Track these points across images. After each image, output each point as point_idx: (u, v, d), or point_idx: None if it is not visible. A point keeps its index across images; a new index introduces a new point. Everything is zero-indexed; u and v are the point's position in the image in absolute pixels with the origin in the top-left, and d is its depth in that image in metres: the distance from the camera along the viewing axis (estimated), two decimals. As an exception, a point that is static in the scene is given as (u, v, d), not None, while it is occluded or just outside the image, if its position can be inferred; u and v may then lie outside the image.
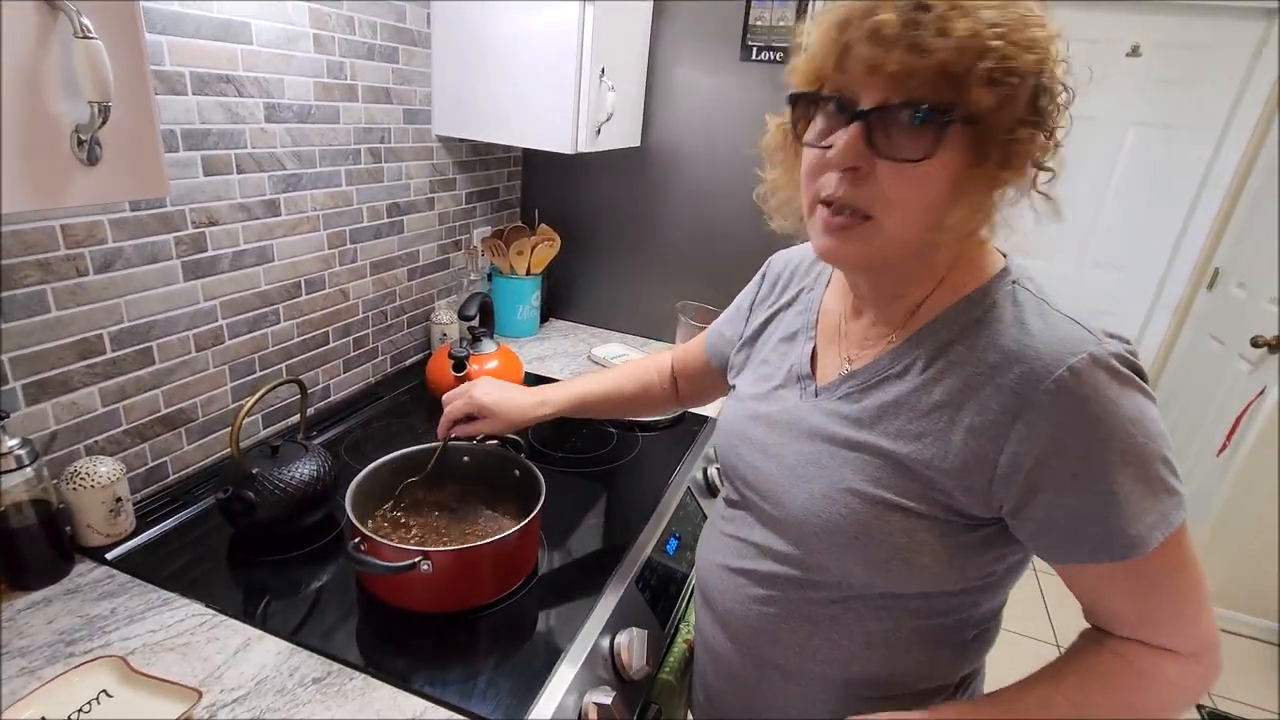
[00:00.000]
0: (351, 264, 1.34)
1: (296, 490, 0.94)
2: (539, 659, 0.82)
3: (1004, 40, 0.49)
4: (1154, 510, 0.53)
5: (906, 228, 0.55)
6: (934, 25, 0.48)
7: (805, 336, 0.73)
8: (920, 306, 0.62)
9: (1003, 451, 0.54)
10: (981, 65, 0.48)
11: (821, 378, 0.69)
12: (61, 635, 0.78)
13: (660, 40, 1.62)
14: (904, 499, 0.59)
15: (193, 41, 0.95)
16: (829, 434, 0.65)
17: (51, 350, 0.88)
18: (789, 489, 0.67)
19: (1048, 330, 0.55)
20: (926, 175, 0.53)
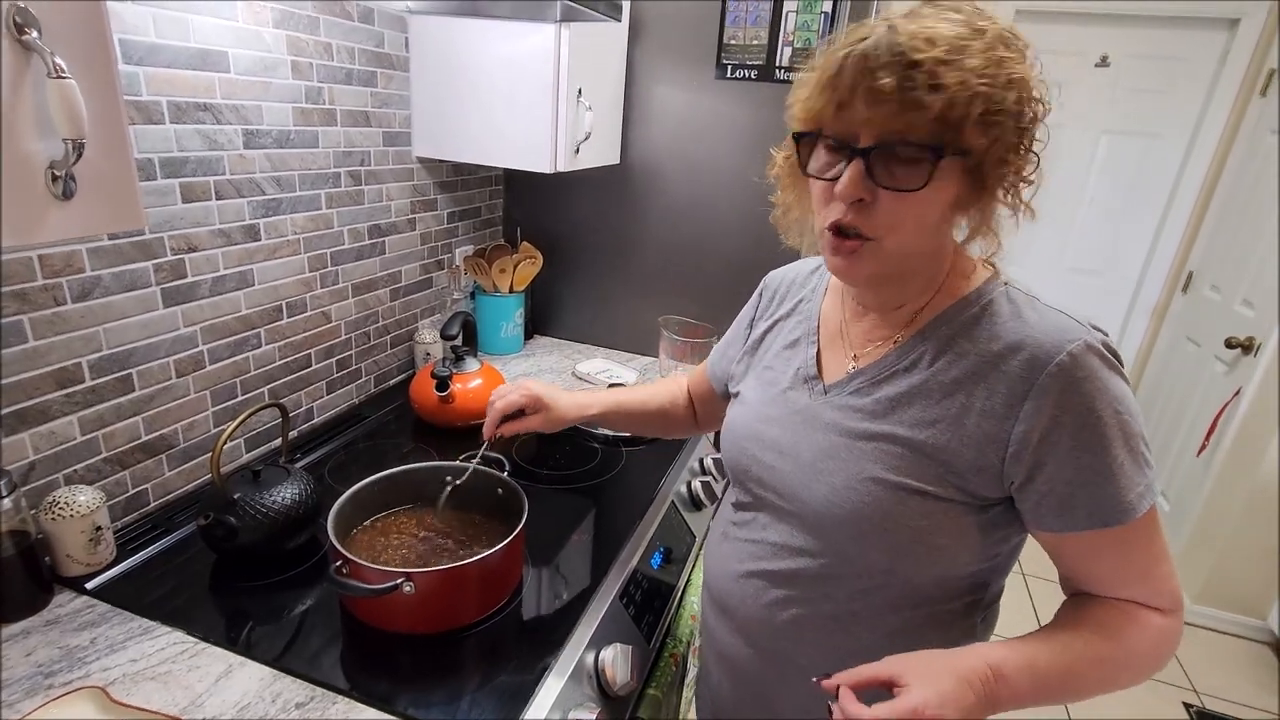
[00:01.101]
0: (333, 286, 1.35)
1: (279, 515, 0.94)
2: (524, 677, 0.82)
3: (990, 85, 0.54)
4: (1141, 481, 0.60)
5: (905, 246, 0.63)
6: (925, 82, 0.54)
7: (808, 341, 0.78)
8: (921, 311, 0.68)
9: (1013, 431, 0.60)
10: (973, 111, 0.54)
11: (829, 377, 0.74)
12: (40, 667, 0.78)
13: (637, 60, 1.65)
14: (923, 483, 0.64)
15: (170, 71, 0.96)
16: (845, 428, 0.69)
17: (29, 380, 0.88)
18: (809, 484, 0.70)
19: (1043, 322, 0.62)
20: (924, 201, 0.59)
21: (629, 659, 0.88)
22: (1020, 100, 0.57)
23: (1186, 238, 2.77)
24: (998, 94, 0.55)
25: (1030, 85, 0.57)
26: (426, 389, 1.36)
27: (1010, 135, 0.57)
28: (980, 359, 0.63)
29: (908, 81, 0.54)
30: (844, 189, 0.59)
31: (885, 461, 0.66)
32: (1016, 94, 0.56)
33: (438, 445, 1.33)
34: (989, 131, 0.56)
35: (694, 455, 1.40)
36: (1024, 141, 0.58)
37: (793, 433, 0.74)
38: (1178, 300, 2.82)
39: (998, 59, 0.55)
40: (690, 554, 1.23)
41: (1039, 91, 0.58)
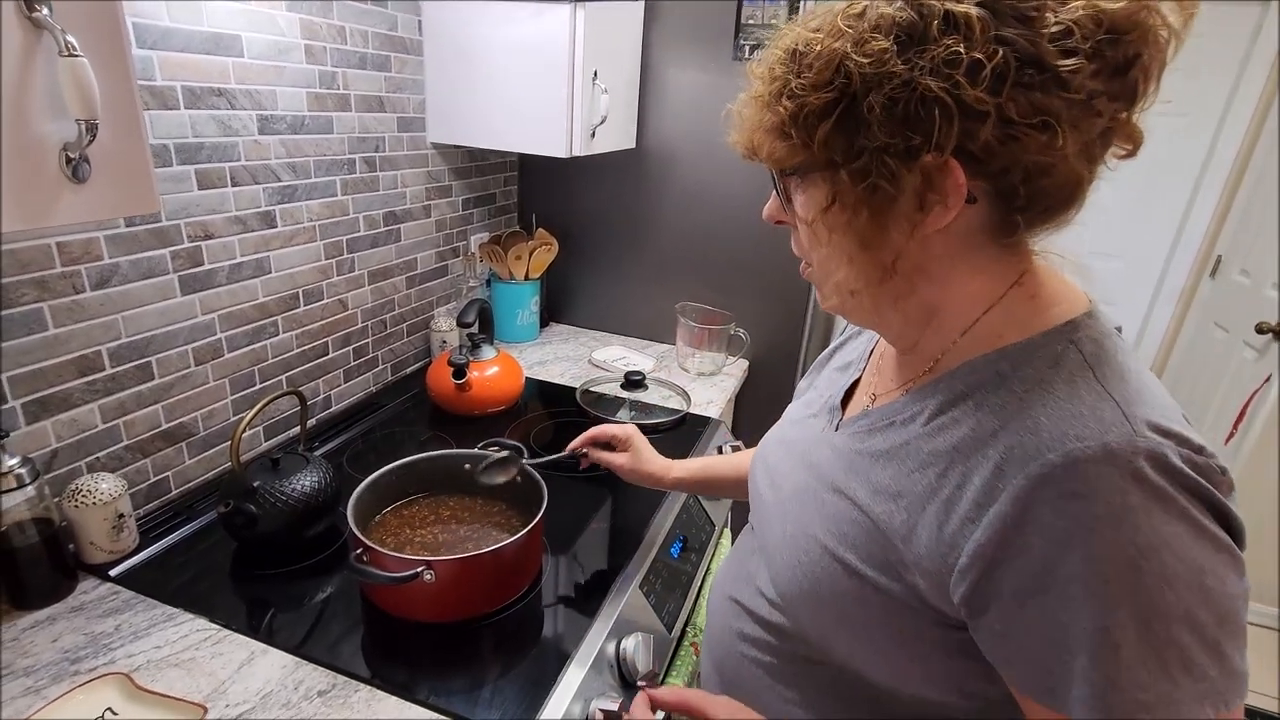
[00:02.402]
0: (349, 274, 1.34)
1: (298, 502, 0.93)
2: (544, 666, 0.82)
3: (788, 98, 0.46)
4: (1147, 680, 0.39)
5: (822, 272, 0.55)
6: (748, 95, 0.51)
7: (855, 368, 0.69)
8: (943, 356, 0.54)
9: (969, 538, 0.45)
10: (771, 124, 0.48)
11: (850, 411, 0.65)
12: (66, 654, 0.78)
13: (652, 41, 1.62)
14: (863, 564, 0.52)
15: (183, 55, 0.95)
16: (822, 471, 0.60)
17: (50, 368, 0.88)
18: (774, 522, 0.64)
19: (1065, 403, 0.44)
20: (804, 226, 0.53)
21: (650, 648, 0.87)
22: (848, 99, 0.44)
23: (1215, 221, 2.70)
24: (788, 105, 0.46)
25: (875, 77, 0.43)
26: (443, 377, 1.35)
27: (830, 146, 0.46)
28: (972, 434, 0.48)
29: (759, 93, 0.50)
30: (765, 213, 0.57)
31: (833, 524, 0.55)
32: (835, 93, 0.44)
33: (455, 433, 1.33)
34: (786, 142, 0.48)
35: (713, 444, 1.39)
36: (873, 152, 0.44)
37: (788, 462, 0.66)
38: (1205, 285, 2.76)
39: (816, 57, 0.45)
40: (710, 543, 1.22)
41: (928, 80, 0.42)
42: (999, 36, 0.41)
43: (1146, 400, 0.44)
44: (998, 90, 0.41)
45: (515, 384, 1.43)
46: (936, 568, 0.47)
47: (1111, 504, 0.40)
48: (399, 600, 0.86)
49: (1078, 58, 0.40)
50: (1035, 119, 0.41)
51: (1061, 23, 0.40)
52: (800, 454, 0.65)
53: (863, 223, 0.47)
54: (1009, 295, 0.51)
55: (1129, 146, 0.45)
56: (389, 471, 0.97)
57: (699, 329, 1.67)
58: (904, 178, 0.44)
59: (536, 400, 1.51)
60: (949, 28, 0.41)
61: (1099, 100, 0.42)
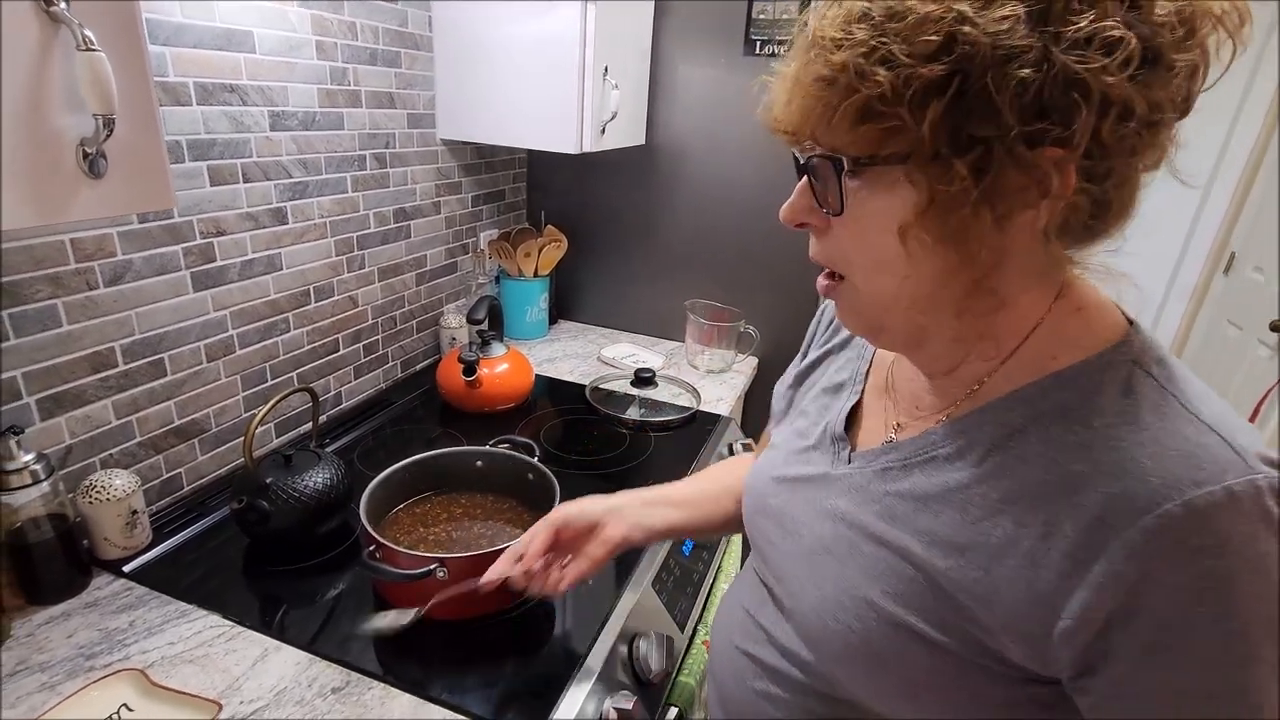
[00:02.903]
0: (359, 270, 1.34)
1: (311, 499, 0.93)
2: (558, 664, 0.82)
3: (882, 66, 0.37)
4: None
5: (873, 285, 0.46)
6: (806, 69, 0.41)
7: (851, 390, 0.61)
8: (988, 380, 0.48)
9: (1070, 598, 0.40)
10: (849, 103, 0.39)
11: (863, 441, 0.57)
12: (81, 649, 0.78)
13: (662, 37, 1.61)
14: (930, 628, 0.45)
15: (196, 52, 0.95)
16: (854, 519, 0.52)
17: (64, 364, 0.88)
18: (802, 579, 0.55)
19: (1168, 440, 0.39)
20: (859, 225, 0.44)
21: (664, 647, 0.87)
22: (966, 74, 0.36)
23: (1229, 217, 2.68)
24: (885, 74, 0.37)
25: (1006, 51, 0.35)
26: (453, 373, 1.35)
27: (930, 130, 0.37)
28: (1050, 476, 0.42)
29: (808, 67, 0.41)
30: (784, 212, 0.48)
31: (887, 582, 0.48)
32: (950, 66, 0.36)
33: (464, 430, 1.33)
34: (868, 125, 0.39)
35: (723, 440, 1.38)
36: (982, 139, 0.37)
37: (799, 507, 0.58)
38: (1218, 282, 2.73)
39: (918, 19, 0.37)
40: (720, 542, 1.21)
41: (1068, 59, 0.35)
42: (1126, 20, 0.35)
43: (1236, 424, 0.40)
44: (1132, 79, 0.35)
45: (525, 381, 1.43)
46: (1030, 630, 0.42)
47: (1245, 555, 0.36)
48: (411, 597, 0.85)
49: (1190, 54, 0.36)
50: (1154, 116, 0.37)
51: (1164, 12, 0.36)
52: (813, 496, 0.57)
53: (980, 228, 0.40)
54: (1054, 310, 0.46)
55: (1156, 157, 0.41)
56: (401, 468, 0.97)
57: (708, 326, 1.66)
58: (1025, 174, 0.38)
59: (546, 398, 1.51)
60: (1077, 8, 0.35)
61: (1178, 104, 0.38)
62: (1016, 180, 0.38)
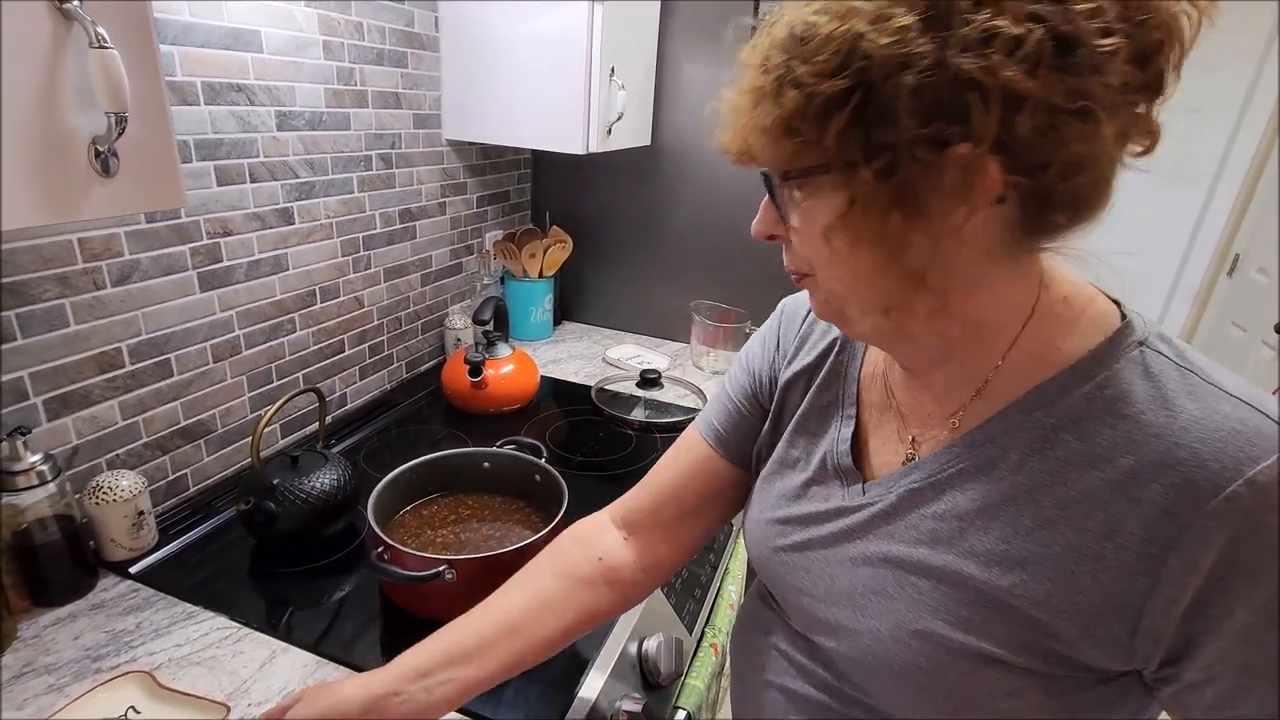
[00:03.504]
0: (365, 271, 1.34)
1: (317, 500, 0.93)
2: (567, 667, 0.81)
3: (793, 87, 0.39)
4: None
5: (830, 283, 0.47)
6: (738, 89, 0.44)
7: (844, 413, 0.58)
8: (994, 376, 0.47)
9: (1150, 595, 0.40)
10: (770, 120, 0.41)
11: (877, 467, 0.54)
12: (88, 651, 0.78)
13: (669, 38, 1.61)
14: (1002, 649, 0.44)
15: (204, 51, 0.95)
16: (893, 555, 0.50)
17: (71, 364, 0.87)
18: (844, 622, 0.52)
19: (1209, 420, 0.40)
20: (803, 231, 0.46)
21: (672, 649, 0.86)
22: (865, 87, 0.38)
23: (1233, 219, 2.68)
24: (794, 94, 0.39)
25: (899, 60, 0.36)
26: (459, 374, 1.35)
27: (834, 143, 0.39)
28: (1100, 474, 0.42)
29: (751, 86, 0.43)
30: (754, 230, 0.51)
31: (949, 611, 0.46)
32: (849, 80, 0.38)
33: (470, 431, 1.32)
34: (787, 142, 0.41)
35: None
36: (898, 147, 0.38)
37: (822, 548, 0.55)
38: (1222, 283, 2.73)
39: (822, 41, 0.38)
40: (728, 543, 1.21)
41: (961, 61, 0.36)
42: (1032, 13, 0.35)
43: (1257, 393, 0.41)
44: (1035, 72, 0.35)
45: (531, 382, 1.42)
46: (1112, 633, 0.41)
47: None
48: (419, 599, 0.85)
49: (1116, 37, 0.36)
50: (1076, 105, 0.36)
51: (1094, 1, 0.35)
52: (832, 537, 0.54)
53: (892, 228, 0.41)
54: (1042, 300, 0.46)
55: (1147, 142, 0.40)
56: (408, 469, 0.96)
57: (713, 327, 1.66)
58: (934, 174, 0.38)
59: (551, 399, 1.51)
60: (977, 2, 0.36)
61: (1132, 89, 0.37)
62: (930, 181, 0.39)
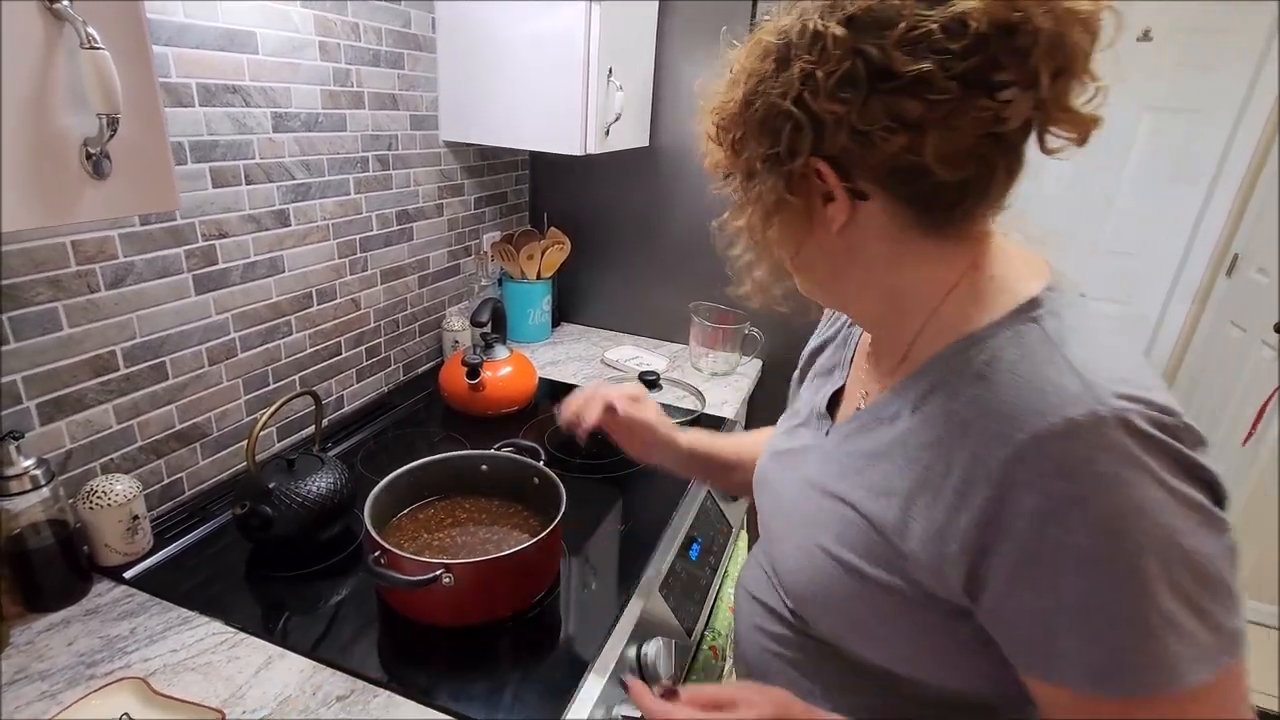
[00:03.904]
0: (362, 273, 1.33)
1: (314, 504, 0.92)
2: (565, 671, 0.81)
3: (714, 112, 0.53)
4: (1133, 644, 0.40)
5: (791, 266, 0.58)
6: None
7: (840, 373, 0.69)
8: (912, 346, 0.55)
9: (956, 525, 0.46)
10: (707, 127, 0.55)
11: (841, 416, 0.65)
12: (82, 657, 0.77)
13: (667, 38, 1.60)
14: (868, 565, 0.52)
15: (198, 52, 0.94)
16: (817, 480, 0.60)
17: (65, 368, 0.87)
18: (781, 535, 0.65)
19: (1033, 382, 0.44)
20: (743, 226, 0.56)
21: (671, 652, 0.86)
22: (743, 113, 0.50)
23: (1232, 219, 2.67)
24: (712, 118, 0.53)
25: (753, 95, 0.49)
26: (457, 377, 1.34)
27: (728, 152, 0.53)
28: (948, 427, 0.48)
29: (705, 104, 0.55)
30: None
31: (834, 529, 0.56)
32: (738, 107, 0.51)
33: (468, 433, 1.32)
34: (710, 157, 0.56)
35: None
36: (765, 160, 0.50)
37: (785, 474, 0.67)
38: (1221, 283, 2.73)
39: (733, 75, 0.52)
40: (727, 545, 1.20)
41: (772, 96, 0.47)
42: (856, 49, 0.43)
43: (1109, 366, 0.43)
44: (844, 100, 0.44)
45: (529, 384, 1.42)
46: (931, 559, 0.48)
47: (1081, 477, 0.40)
48: (417, 604, 0.84)
49: (928, 61, 0.41)
50: (888, 122, 0.44)
51: (918, 28, 0.41)
52: (792, 464, 0.66)
53: (776, 223, 0.52)
54: (967, 278, 0.51)
55: (1071, 134, 0.45)
56: (405, 473, 0.96)
57: (712, 328, 1.66)
58: (781, 182, 0.49)
59: (549, 401, 1.50)
60: (811, 46, 0.45)
61: (980, 95, 0.42)
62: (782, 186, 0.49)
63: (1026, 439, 0.42)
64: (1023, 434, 0.42)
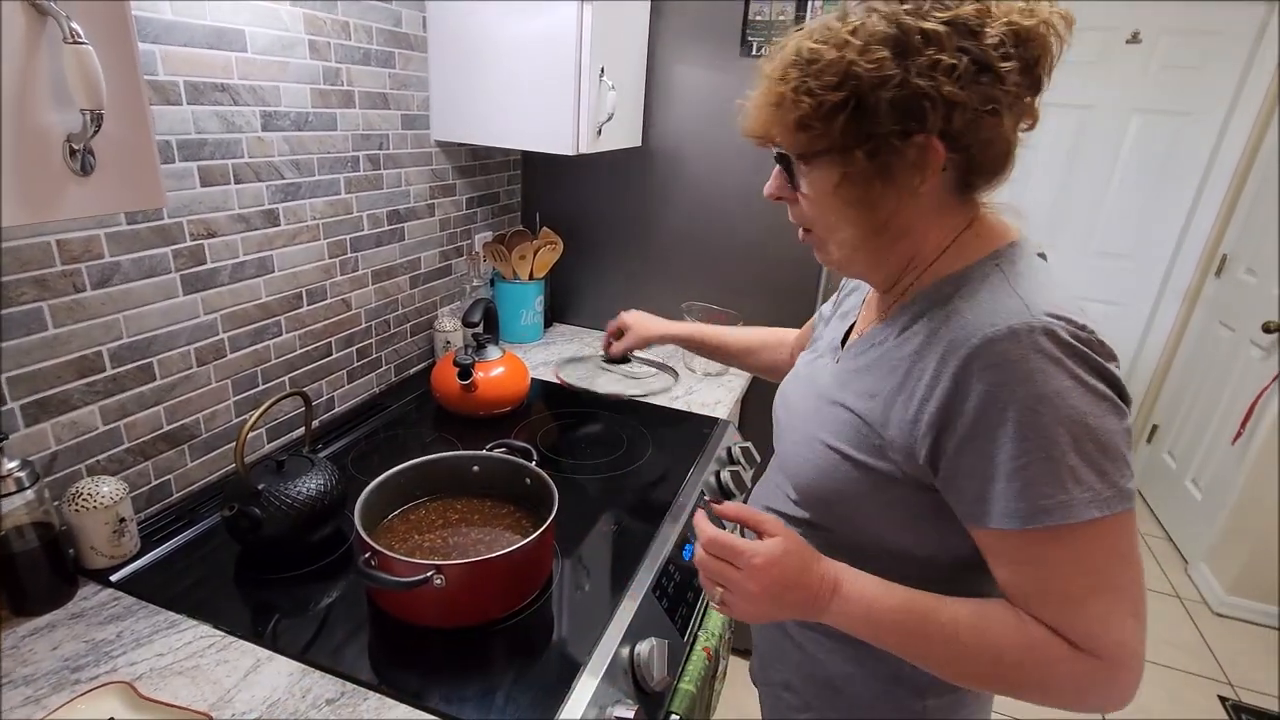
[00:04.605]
0: (353, 273, 1.32)
1: (304, 505, 0.92)
2: (558, 672, 0.80)
3: (807, 95, 0.57)
4: (1049, 492, 0.53)
5: (828, 234, 0.66)
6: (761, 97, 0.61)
7: (852, 315, 0.81)
8: (910, 288, 0.67)
9: (925, 411, 0.59)
10: (791, 119, 0.59)
11: (848, 345, 0.76)
12: (66, 661, 0.76)
13: (659, 38, 1.60)
14: (860, 453, 0.65)
15: (186, 50, 0.93)
16: (822, 391, 0.73)
17: (50, 369, 0.86)
18: (788, 436, 0.77)
19: (987, 304, 0.58)
20: (810, 197, 0.64)
21: (665, 654, 0.85)
22: (856, 92, 0.56)
23: (1221, 219, 2.70)
24: (813, 102, 0.57)
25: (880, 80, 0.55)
26: (449, 377, 1.33)
27: (840, 134, 0.57)
28: (927, 337, 0.61)
29: (762, 96, 0.61)
30: (766, 189, 0.69)
31: (832, 427, 0.68)
32: (845, 94, 0.56)
33: (460, 434, 1.31)
34: (806, 133, 0.59)
35: (722, 445, 1.37)
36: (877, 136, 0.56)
37: (799, 393, 0.79)
38: (1210, 283, 2.75)
39: (827, 64, 0.56)
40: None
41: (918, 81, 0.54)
42: (960, 47, 0.54)
43: (1046, 295, 0.57)
44: (964, 86, 0.54)
45: (521, 385, 1.41)
46: (905, 442, 0.61)
47: (1016, 369, 0.53)
48: (408, 605, 0.84)
49: (1012, 61, 0.55)
50: (988, 106, 0.55)
51: (995, 35, 0.54)
52: (807, 383, 0.78)
53: (874, 192, 0.60)
54: (961, 237, 0.64)
55: (1030, 122, 0.60)
56: (396, 474, 0.95)
57: (705, 329, 1.65)
58: (902, 154, 0.57)
59: (541, 401, 1.50)
60: (926, 41, 0.54)
61: (1022, 90, 0.56)
62: (899, 159, 0.58)
63: (979, 341, 0.55)
64: (976, 338, 0.55)
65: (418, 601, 0.81)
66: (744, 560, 0.62)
